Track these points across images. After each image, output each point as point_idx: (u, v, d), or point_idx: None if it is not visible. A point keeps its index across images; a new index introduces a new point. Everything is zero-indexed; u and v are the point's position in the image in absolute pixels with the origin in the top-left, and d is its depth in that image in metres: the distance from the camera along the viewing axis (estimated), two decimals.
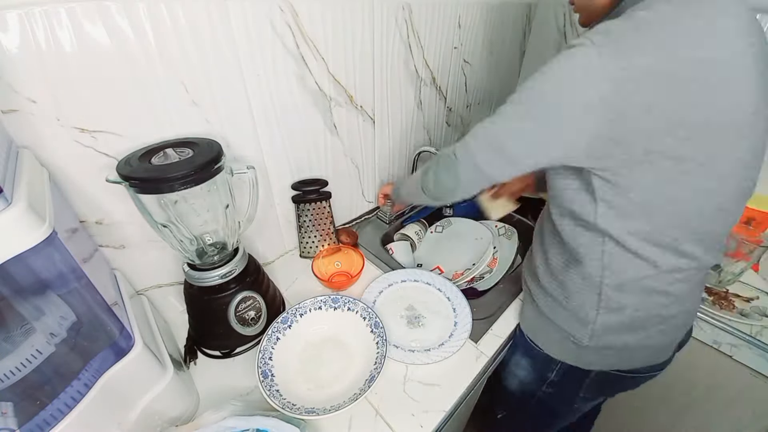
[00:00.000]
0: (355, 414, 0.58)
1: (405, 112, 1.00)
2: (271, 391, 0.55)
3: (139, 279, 0.67)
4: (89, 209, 0.57)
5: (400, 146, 1.06)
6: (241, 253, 0.64)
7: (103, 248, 0.61)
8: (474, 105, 1.28)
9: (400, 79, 0.92)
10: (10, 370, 0.36)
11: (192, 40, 0.55)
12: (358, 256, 0.83)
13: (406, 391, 0.62)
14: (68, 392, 0.41)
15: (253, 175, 0.61)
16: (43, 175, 0.45)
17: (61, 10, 0.44)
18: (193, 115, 0.60)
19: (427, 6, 0.87)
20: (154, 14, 0.50)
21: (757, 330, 0.81)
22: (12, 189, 0.35)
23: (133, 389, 0.48)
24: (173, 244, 0.57)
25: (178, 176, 0.47)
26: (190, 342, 0.68)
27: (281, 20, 0.63)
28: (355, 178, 0.99)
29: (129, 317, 0.51)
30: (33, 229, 0.33)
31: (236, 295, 0.62)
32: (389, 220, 1.07)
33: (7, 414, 0.37)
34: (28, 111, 0.46)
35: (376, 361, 0.61)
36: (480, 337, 0.72)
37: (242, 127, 0.68)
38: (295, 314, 0.68)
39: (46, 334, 0.39)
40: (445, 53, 1.01)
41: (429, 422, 0.58)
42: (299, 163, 0.83)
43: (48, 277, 0.38)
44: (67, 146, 0.51)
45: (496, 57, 1.23)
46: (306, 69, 0.71)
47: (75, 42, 0.46)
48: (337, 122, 0.84)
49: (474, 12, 1.02)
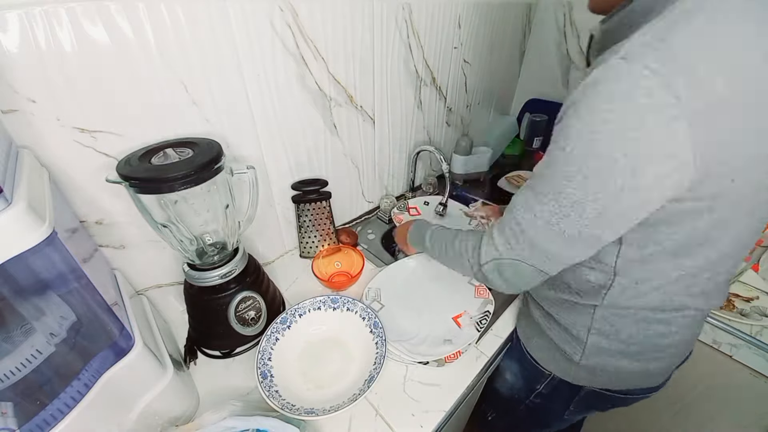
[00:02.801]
0: (355, 414, 0.58)
1: (405, 112, 1.00)
2: (270, 391, 0.55)
3: (139, 279, 0.67)
4: (89, 209, 0.57)
5: (400, 146, 1.06)
6: (241, 253, 0.64)
7: (103, 248, 0.61)
8: (474, 105, 1.28)
9: (400, 79, 0.92)
10: (10, 370, 0.36)
11: (192, 40, 0.55)
12: (358, 256, 0.83)
13: (406, 391, 0.62)
14: (68, 392, 0.41)
15: (253, 175, 0.61)
16: (43, 175, 0.45)
17: (61, 10, 0.44)
18: (193, 115, 0.60)
19: (427, 6, 0.87)
20: (154, 14, 0.50)
21: (757, 330, 0.81)
22: (12, 189, 0.35)
23: (133, 389, 0.48)
24: (173, 244, 0.57)
25: (178, 176, 0.47)
26: (190, 342, 0.68)
27: (281, 20, 0.63)
28: (355, 178, 0.99)
29: (129, 317, 0.51)
30: (33, 229, 0.33)
31: (236, 295, 0.62)
32: (389, 219, 1.07)
33: (7, 414, 0.37)
34: (28, 111, 0.46)
35: (376, 362, 0.61)
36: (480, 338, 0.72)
37: (242, 127, 0.68)
38: (294, 315, 0.67)
39: (46, 334, 0.39)
40: (445, 53, 1.01)
41: (429, 422, 0.58)
42: (299, 163, 0.83)
43: (48, 277, 0.38)
44: (67, 146, 0.51)
45: (496, 57, 1.23)
46: (306, 69, 0.71)
47: (75, 42, 0.46)
48: (337, 122, 0.84)
49: (474, 12, 1.02)
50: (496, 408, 0.89)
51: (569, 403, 0.68)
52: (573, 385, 0.63)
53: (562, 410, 0.70)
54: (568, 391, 0.65)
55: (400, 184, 1.17)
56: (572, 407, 0.69)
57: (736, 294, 0.90)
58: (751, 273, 0.94)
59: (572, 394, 0.65)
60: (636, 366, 0.56)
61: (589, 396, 0.64)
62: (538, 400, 0.72)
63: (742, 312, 0.85)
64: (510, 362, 0.75)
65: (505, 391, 0.80)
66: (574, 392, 0.65)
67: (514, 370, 0.75)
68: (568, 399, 0.67)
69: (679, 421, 0.96)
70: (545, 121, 1.39)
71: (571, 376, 0.62)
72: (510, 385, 0.77)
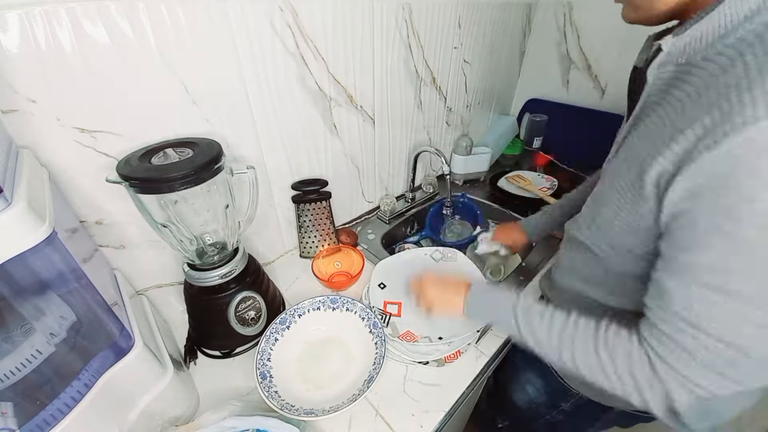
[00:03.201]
0: (355, 414, 0.58)
1: (405, 112, 1.00)
2: (269, 392, 0.55)
3: (139, 279, 0.67)
4: (89, 209, 0.57)
5: (400, 146, 1.06)
6: (241, 253, 0.64)
7: (103, 248, 0.61)
8: (474, 105, 1.28)
9: (400, 79, 0.92)
10: (10, 370, 0.36)
11: (192, 40, 0.55)
12: (358, 256, 0.83)
13: (406, 391, 0.62)
14: (68, 392, 0.41)
15: (253, 175, 0.61)
16: (43, 175, 0.45)
17: (61, 10, 0.44)
18: (193, 115, 0.60)
19: (427, 6, 0.87)
20: (154, 14, 0.50)
21: None
22: (12, 189, 0.35)
23: (133, 389, 0.48)
24: (173, 244, 0.57)
25: (178, 176, 0.47)
26: (190, 342, 0.68)
27: (281, 20, 0.63)
28: (355, 178, 0.99)
29: (129, 317, 0.51)
30: (33, 229, 0.33)
31: (236, 295, 0.62)
32: (389, 219, 1.07)
33: (7, 414, 0.37)
34: (28, 111, 0.46)
35: (375, 362, 0.61)
36: (480, 337, 0.72)
37: (242, 127, 0.68)
38: (293, 315, 0.67)
39: (46, 334, 0.39)
40: (445, 53, 1.01)
41: (429, 422, 0.58)
42: (299, 163, 0.83)
43: (48, 277, 0.38)
44: (67, 146, 0.51)
45: (496, 57, 1.23)
46: (306, 69, 0.71)
47: (75, 42, 0.46)
48: (337, 122, 0.84)
49: (474, 12, 1.02)
50: (510, 418, 0.85)
51: (595, 421, 0.64)
52: (601, 406, 0.59)
53: (586, 427, 0.68)
54: (595, 410, 0.60)
55: (400, 184, 1.17)
56: (597, 424, 0.66)
57: None
58: None
59: (601, 413, 0.61)
60: None
61: (620, 415, 0.60)
62: (560, 416, 0.68)
63: None
64: (532, 376, 0.71)
65: (524, 404, 0.75)
66: (604, 411, 0.60)
67: (536, 385, 0.70)
68: (595, 418, 0.63)
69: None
70: (545, 121, 1.39)
71: (606, 398, 0.57)
72: (530, 399, 0.73)
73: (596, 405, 0.59)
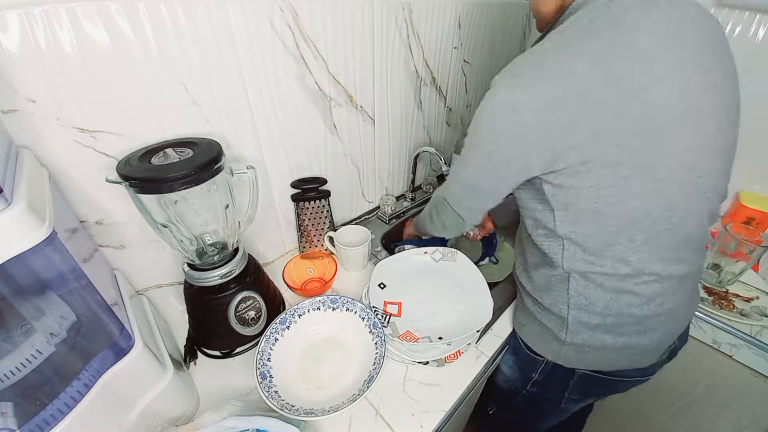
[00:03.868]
0: (355, 414, 0.58)
1: (405, 112, 1.00)
2: (269, 392, 0.55)
3: (139, 279, 0.67)
4: (89, 209, 0.57)
5: (400, 146, 1.07)
6: (241, 253, 0.64)
7: (103, 248, 0.61)
8: (474, 105, 1.28)
9: (400, 79, 0.92)
10: (10, 370, 0.36)
11: (192, 40, 0.55)
12: (329, 259, 0.83)
13: (406, 391, 0.62)
14: (68, 392, 0.41)
15: (253, 175, 0.61)
16: (43, 175, 0.45)
17: (61, 10, 0.44)
18: (193, 115, 0.60)
19: (427, 6, 0.87)
20: (154, 14, 0.50)
21: (757, 330, 0.81)
22: (12, 189, 0.35)
23: (133, 389, 0.48)
24: (173, 244, 0.57)
25: (178, 176, 0.47)
26: (190, 342, 0.68)
27: (281, 20, 0.63)
28: (355, 178, 0.99)
29: (129, 317, 0.51)
30: (33, 229, 0.33)
31: (236, 295, 0.62)
32: (389, 219, 1.07)
33: (7, 414, 0.37)
34: (28, 111, 0.46)
35: (375, 362, 0.61)
36: (480, 337, 0.72)
37: (242, 127, 0.68)
38: (293, 315, 0.67)
39: (46, 334, 0.39)
40: (445, 53, 1.01)
41: (429, 422, 0.58)
42: (299, 164, 0.83)
43: (48, 277, 0.38)
44: (67, 146, 0.51)
45: (496, 57, 1.23)
46: (306, 69, 0.71)
47: (75, 42, 0.46)
48: (337, 122, 0.84)
49: (474, 12, 1.02)
50: (496, 402, 0.90)
51: (565, 389, 0.69)
52: (566, 369, 0.65)
53: (559, 398, 0.72)
54: (561, 375, 0.67)
55: (400, 184, 1.18)
56: (568, 394, 0.70)
57: (736, 294, 0.90)
58: (751, 273, 0.94)
59: (566, 378, 0.67)
60: (620, 342, 0.58)
61: (583, 380, 0.66)
62: (534, 389, 0.73)
63: (742, 312, 0.85)
64: (507, 356, 0.78)
65: (504, 384, 0.82)
66: (567, 376, 0.66)
67: (510, 362, 0.77)
68: (563, 385, 0.68)
69: (679, 421, 0.96)
70: None
71: (562, 358, 0.64)
72: (507, 378, 0.79)
73: (560, 369, 0.66)
